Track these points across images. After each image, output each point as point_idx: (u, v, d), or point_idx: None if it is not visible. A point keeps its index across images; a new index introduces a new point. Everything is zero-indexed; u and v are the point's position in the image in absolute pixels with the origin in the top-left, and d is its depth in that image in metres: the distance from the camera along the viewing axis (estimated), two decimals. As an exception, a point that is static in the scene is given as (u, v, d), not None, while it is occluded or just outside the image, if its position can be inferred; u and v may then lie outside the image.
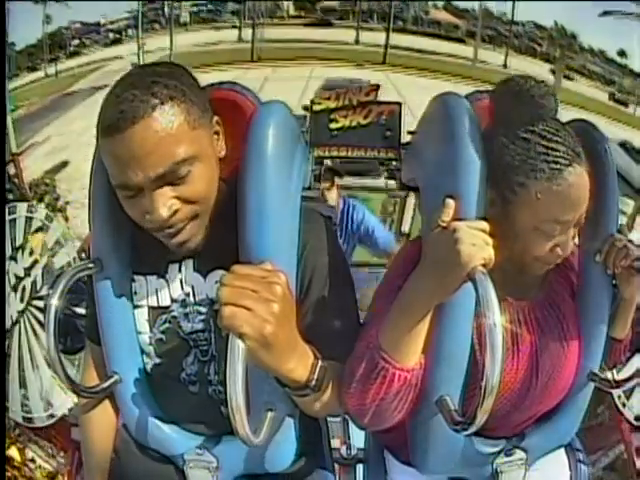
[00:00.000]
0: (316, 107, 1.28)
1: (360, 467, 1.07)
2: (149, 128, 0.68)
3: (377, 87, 1.31)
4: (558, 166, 0.74)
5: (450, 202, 0.74)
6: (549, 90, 0.78)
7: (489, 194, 0.77)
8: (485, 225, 0.72)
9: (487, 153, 0.77)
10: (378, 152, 1.29)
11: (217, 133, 0.79)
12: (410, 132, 1.34)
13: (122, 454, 0.96)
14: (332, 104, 1.28)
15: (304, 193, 0.87)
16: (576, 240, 0.84)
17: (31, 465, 1.75)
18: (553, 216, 0.76)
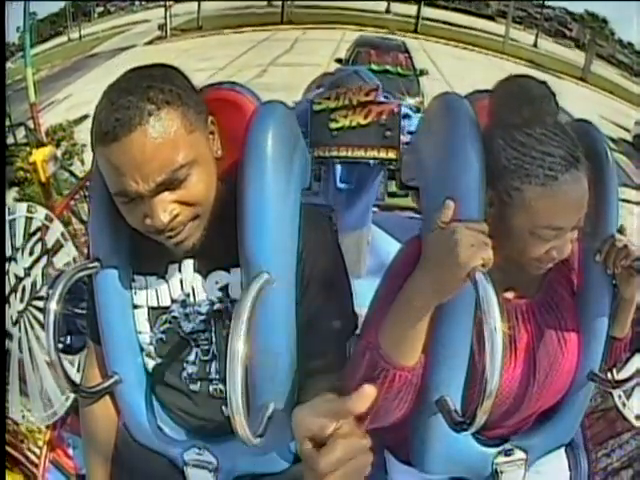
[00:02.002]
0: (316, 107, 1.28)
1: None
2: (146, 135, 0.67)
3: (377, 87, 1.31)
4: (553, 173, 0.73)
5: (449, 203, 0.74)
6: (549, 92, 0.78)
7: (488, 194, 0.77)
8: (484, 226, 0.72)
9: (486, 153, 0.77)
10: (378, 152, 1.28)
11: (212, 133, 0.78)
12: (410, 132, 1.34)
13: (122, 454, 0.96)
14: (332, 104, 1.28)
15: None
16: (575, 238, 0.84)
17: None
18: (547, 222, 0.75)
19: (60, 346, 0.82)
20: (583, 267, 0.90)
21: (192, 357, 0.87)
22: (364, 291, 0.91)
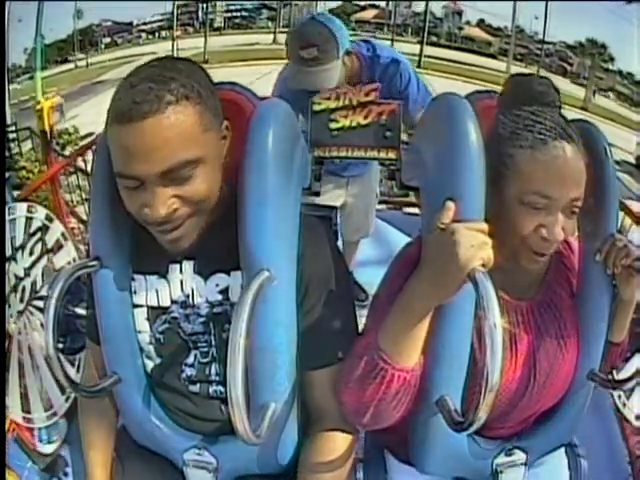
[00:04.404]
0: (316, 107, 1.28)
1: (360, 467, 1.07)
2: (160, 124, 0.68)
3: (377, 87, 1.31)
4: (542, 137, 0.76)
5: (449, 204, 0.74)
6: (550, 85, 0.80)
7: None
8: (484, 226, 0.72)
9: (487, 150, 0.77)
10: (378, 152, 1.28)
11: (225, 138, 0.78)
12: (410, 133, 1.34)
13: (122, 455, 0.96)
14: (332, 104, 1.28)
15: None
16: (574, 235, 0.84)
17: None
18: (536, 187, 0.76)
19: (60, 346, 0.81)
20: (583, 267, 0.90)
21: (191, 359, 0.87)
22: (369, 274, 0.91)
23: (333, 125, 1.27)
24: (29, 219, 1.62)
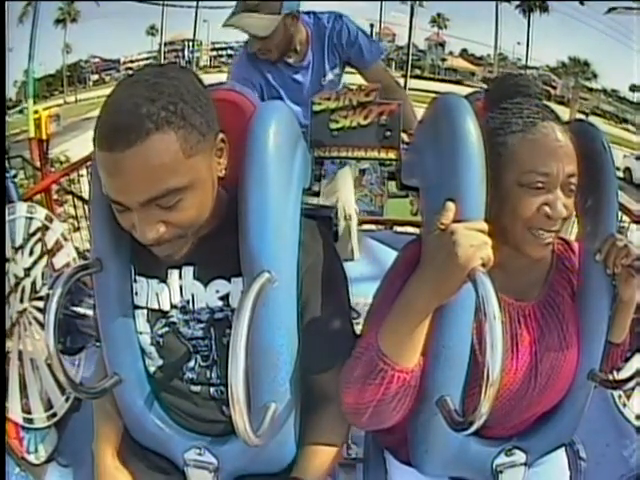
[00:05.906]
0: (316, 107, 1.28)
1: (360, 467, 1.08)
2: (140, 156, 0.65)
3: (378, 87, 1.31)
4: (531, 119, 0.79)
5: (449, 205, 0.73)
6: (532, 80, 0.83)
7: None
8: (483, 225, 0.72)
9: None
10: (378, 152, 1.29)
11: (221, 150, 0.76)
12: (410, 133, 1.34)
13: (123, 454, 0.96)
14: (332, 104, 1.28)
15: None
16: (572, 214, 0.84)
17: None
18: (531, 166, 0.77)
19: (60, 346, 0.81)
20: (583, 268, 0.90)
21: (192, 363, 0.87)
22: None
23: (333, 125, 1.27)
24: (29, 219, 1.61)
